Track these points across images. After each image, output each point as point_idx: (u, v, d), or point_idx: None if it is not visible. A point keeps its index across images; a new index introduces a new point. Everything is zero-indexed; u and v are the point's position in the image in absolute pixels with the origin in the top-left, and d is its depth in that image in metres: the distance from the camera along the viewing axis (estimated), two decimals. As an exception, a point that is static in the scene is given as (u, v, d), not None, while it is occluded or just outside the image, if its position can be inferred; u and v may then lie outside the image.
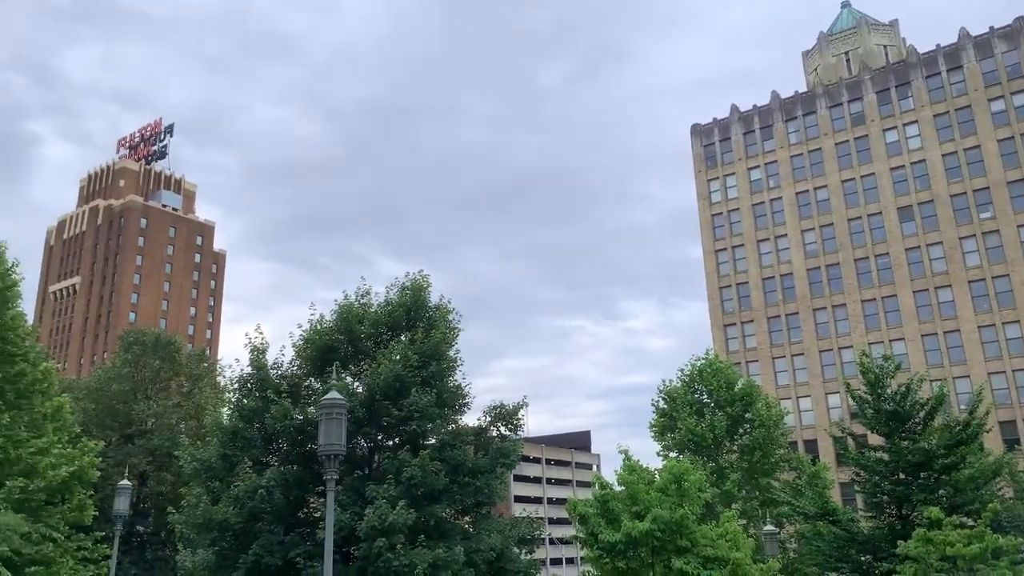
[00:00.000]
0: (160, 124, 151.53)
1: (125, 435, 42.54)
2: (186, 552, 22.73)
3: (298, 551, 20.02)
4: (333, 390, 15.67)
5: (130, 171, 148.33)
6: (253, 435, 22.23)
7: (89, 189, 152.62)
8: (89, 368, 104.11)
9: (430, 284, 25.36)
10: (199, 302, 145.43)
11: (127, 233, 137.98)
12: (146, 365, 46.50)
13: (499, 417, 24.34)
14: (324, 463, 14.40)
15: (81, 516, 28.13)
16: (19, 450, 26.18)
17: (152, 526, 42.28)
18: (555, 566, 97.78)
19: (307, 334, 23.93)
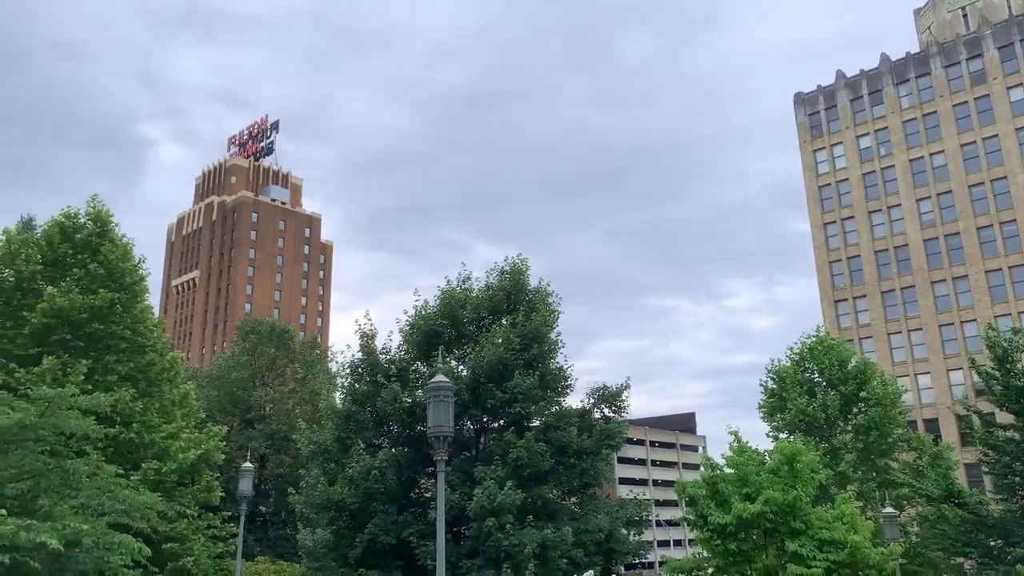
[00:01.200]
0: (266, 121, 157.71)
1: (245, 420, 44.84)
2: (306, 532, 23.81)
3: (411, 530, 20.66)
4: (439, 373, 16.00)
5: (240, 168, 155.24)
6: (365, 418, 23.03)
7: (204, 187, 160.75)
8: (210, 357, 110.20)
9: (529, 267, 25.50)
10: (309, 292, 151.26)
11: (240, 228, 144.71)
12: (263, 353, 48.81)
13: (602, 399, 24.30)
14: (434, 444, 14.74)
15: (209, 496, 29.92)
16: (152, 435, 28.06)
17: (273, 506, 44.49)
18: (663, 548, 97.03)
19: (412, 320, 24.53)
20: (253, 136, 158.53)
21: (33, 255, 29.07)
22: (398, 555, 20.92)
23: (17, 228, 32.65)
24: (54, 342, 27.08)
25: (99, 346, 28.15)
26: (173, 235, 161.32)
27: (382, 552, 20.81)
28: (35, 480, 16.77)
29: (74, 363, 25.54)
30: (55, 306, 26.87)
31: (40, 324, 26.94)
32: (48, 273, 28.86)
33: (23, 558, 14.58)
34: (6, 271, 28.93)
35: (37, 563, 15.08)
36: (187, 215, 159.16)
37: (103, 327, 28.13)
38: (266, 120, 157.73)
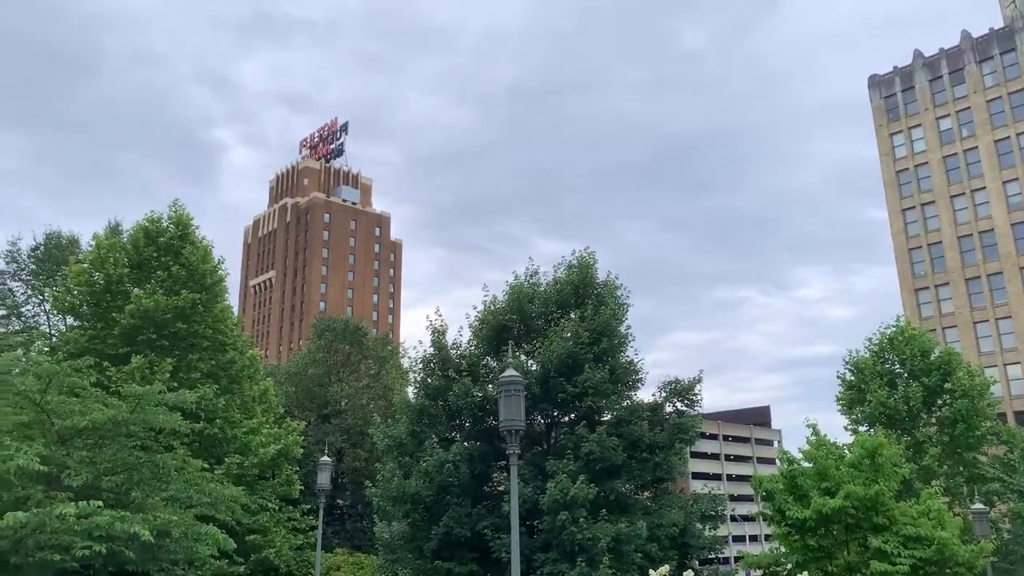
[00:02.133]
0: (336, 123, 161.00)
1: (322, 415, 45.99)
2: (382, 524, 24.30)
3: (485, 523, 20.87)
4: (510, 368, 16.08)
5: (312, 170, 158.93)
6: (438, 412, 23.35)
7: (278, 189, 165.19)
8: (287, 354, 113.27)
9: (596, 261, 25.41)
10: (380, 289, 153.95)
11: (313, 228, 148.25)
12: (337, 350, 49.96)
13: (675, 392, 24.04)
14: (506, 438, 14.81)
15: (289, 490, 30.83)
16: (234, 430, 29.05)
17: (350, 499, 45.52)
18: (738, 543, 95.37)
19: (482, 315, 24.73)
20: (323, 138, 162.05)
21: (120, 259, 30.43)
22: (473, 547, 21.16)
23: (106, 233, 34.20)
24: (141, 341, 28.29)
25: (183, 345, 29.29)
26: (250, 237, 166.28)
27: (457, 544, 21.09)
28: (128, 474, 17.59)
29: (160, 361, 26.66)
30: (142, 307, 28.06)
31: (128, 324, 28.19)
32: (134, 276, 30.16)
33: (119, 548, 15.31)
34: (96, 274, 30.35)
35: (132, 552, 15.82)
36: (262, 217, 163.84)
37: (186, 326, 29.25)
38: (336, 122, 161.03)
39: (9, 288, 39.62)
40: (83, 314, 30.42)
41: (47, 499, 14.89)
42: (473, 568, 21.26)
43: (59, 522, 14.00)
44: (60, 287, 32.72)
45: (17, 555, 14.50)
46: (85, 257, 32.53)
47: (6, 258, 39.97)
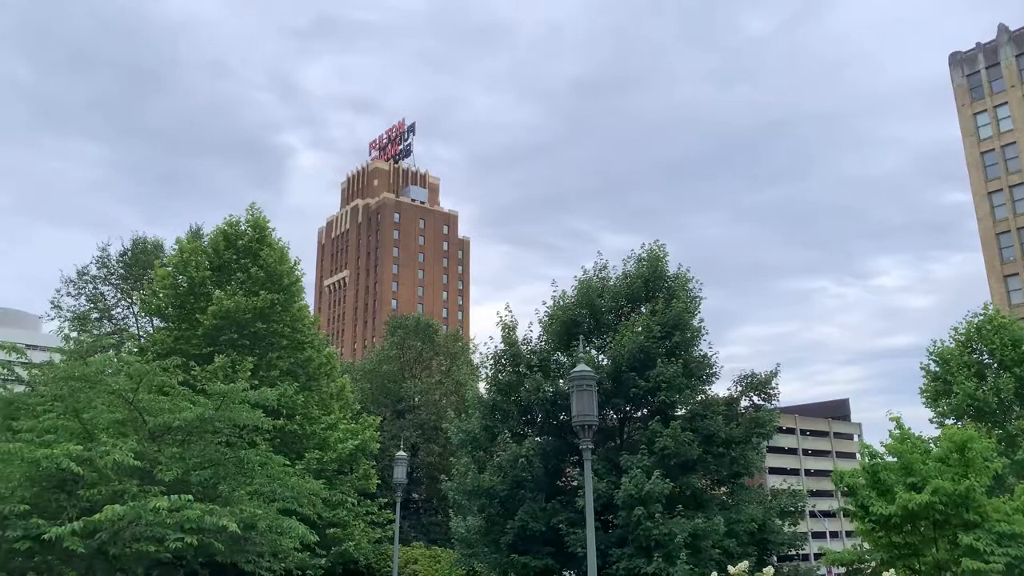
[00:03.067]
0: (403, 124, 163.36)
1: (396, 411, 46.81)
2: (458, 518, 24.59)
3: (559, 518, 20.91)
4: (581, 363, 16.07)
5: (382, 171, 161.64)
6: (510, 407, 23.49)
7: (349, 191, 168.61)
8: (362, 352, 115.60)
9: (667, 254, 25.09)
10: (449, 287, 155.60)
11: (384, 228, 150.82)
12: (410, 347, 50.77)
13: (751, 386, 23.59)
14: (579, 433, 14.84)
15: (367, 484, 31.51)
16: (313, 426, 29.85)
17: (425, 493, 46.22)
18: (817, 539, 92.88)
19: (551, 310, 24.74)
20: (392, 139, 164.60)
21: (202, 262, 31.59)
22: (548, 542, 21.24)
23: (188, 237, 35.57)
24: (223, 341, 29.32)
25: (262, 344, 30.22)
26: (323, 238, 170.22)
27: (532, 538, 21.20)
28: (215, 469, 18.29)
29: (241, 360, 27.55)
30: (223, 308, 29.08)
31: (211, 325, 29.25)
32: (215, 278, 31.27)
33: (208, 540, 15.95)
34: (180, 277, 31.61)
35: (220, 544, 16.46)
36: (335, 218, 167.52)
37: (265, 326, 30.18)
38: (403, 123, 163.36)
39: (101, 292, 41.61)
40: (168, 315, 31.72)
41: (141, 493, 15.60)
42: (548, 562, 21.34)
43: (153, 515, 14.66)
44: (147, 290, 34.20)
45: (116, 546, 15.26)
46: (169, 261, 33.89)
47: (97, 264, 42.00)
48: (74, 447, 15.18)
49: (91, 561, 16.31)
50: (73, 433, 17.18)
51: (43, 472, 15.39)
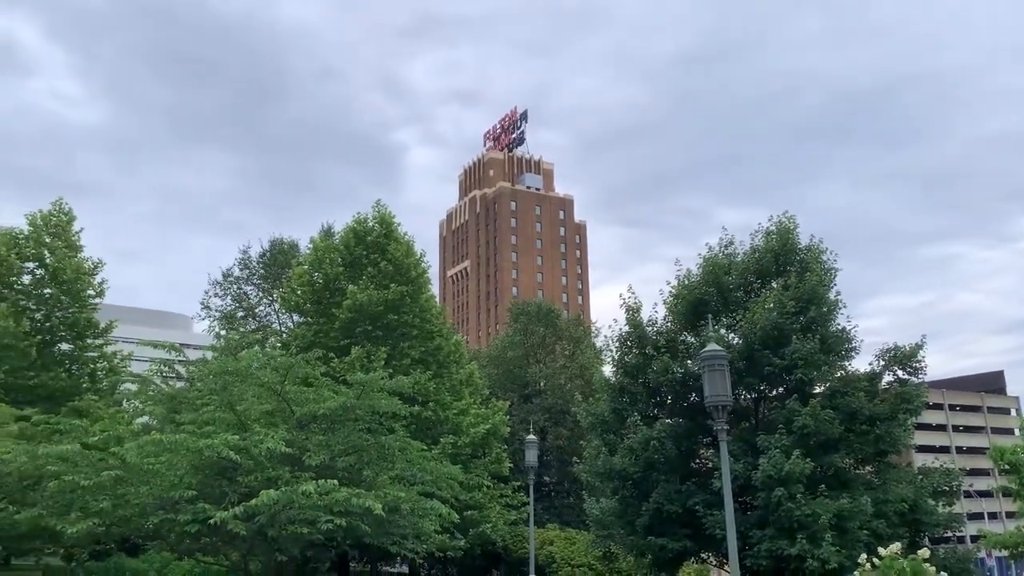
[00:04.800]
0: (516, 113, 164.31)
1: (523, 395, 47.44)
2: (591, 500, 24.69)
3: (696, 500, 20.60)
4: (711, 342, 15.75)
5: (496, 161, 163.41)
6: (638, 390, 23.29)
7: (466, 183, 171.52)
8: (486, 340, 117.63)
9: (797, 225, 24.07)
10: (568, 271, 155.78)
11: (501, 217, 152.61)
12: (533, 333, 51.29)
13: (894, 360, 22.32)
14: (712, 414, 14.57)
15: (500, 467, 32.20)
16: (446, 412, 30.76)
17: (556, 476, 46.68)
18: (974, 520, 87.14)
19: (676, 290, 24.29)
20: (505, 129, 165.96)
21: (335, 259, 33.10)
22: (684, 524, 20.98)
23: (320, 237, 37.34)
24: (358, 333, 30.67)
25: (394, 334, 31.39)
26: (444, 230, 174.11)
27: (669, 520, 21.00)
28: (358, 454, 19.18)
29: (376, 350, 28.75)
30: (356, 302, 30.39)
31: (346, 318, 30.65)
32: (348, 273, 32.70)
33: (355, 522, 16.78)
34: (315, 275, 33.25)
35: (367, 526, 17.27)
36: (454, 210, 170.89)
37: (396, 317, 31.32)
38: (515, 112, 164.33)
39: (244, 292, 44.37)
40: (307, 311, 33.46)
41: (293, 478, 16.57)
42: (686, 544, 21.09)
43: (304, 499, 15.55)
44: (286, 288, 36.18)
45: (273, 528, 16.30)
46: (305, 260, 35.71)
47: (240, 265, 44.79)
48: (231, 437, 16.31)
49: (252, 542, 17.51)
50: (229, 424, 18.45)
51: (205, 461, 16.63)
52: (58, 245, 35.10)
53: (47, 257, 34.74)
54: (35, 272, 34.82)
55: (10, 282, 33.60)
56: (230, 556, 20.17)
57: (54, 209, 36.00)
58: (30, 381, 31.29)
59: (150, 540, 25.57)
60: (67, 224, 36.03)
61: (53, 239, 35.15)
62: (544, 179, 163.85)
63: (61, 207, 36.24)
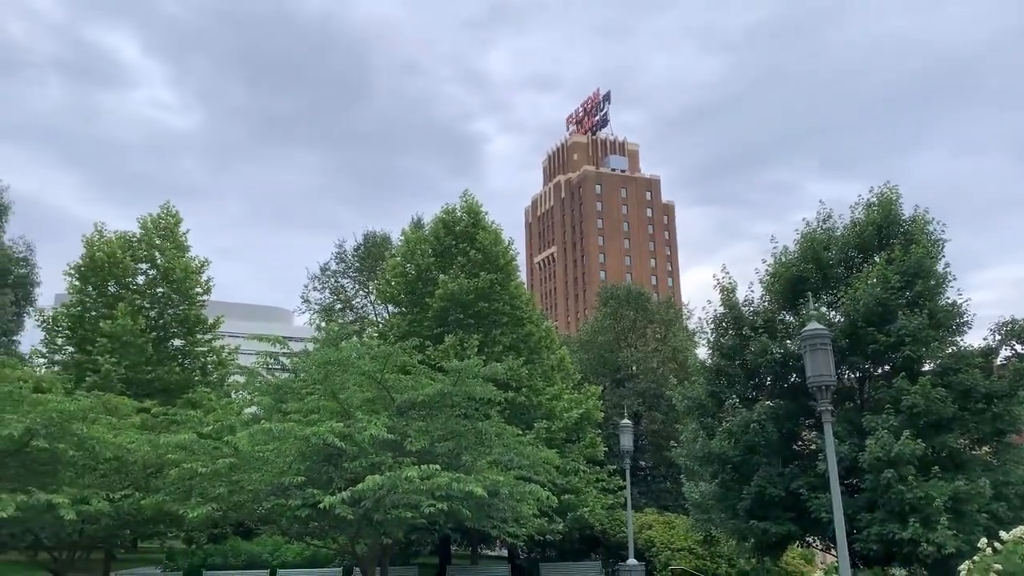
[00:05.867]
0: (598, 95, 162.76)
1: (616, 380, 47.19)
2: (690, 484, 24.41)
3: (799, 482, 20.07)
4: (812, 321, 15.30)
5: (580, 144, 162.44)
6: (735, 372, 22.83)
7: (550, 168, 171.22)
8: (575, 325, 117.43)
9: (899, 196, 22.98)
10: (656, 253, 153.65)
11: (586, 201, 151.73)
12: (623, 316, 50.88)
13: (1011, 334, 21.06)
14: (815, 395, 14.18)
15: (595, 452, 32.19)
16: (538, 397, 30.94)
17: (651, 460, 46.30)
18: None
19: (772, 268, 23.63)
20: (588, 111, 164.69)
21: (426, 250, 33.71)
22: (788, 507, 20.46)
23: (411, 228, 38.09)
24: (451, 321, 31.17)
25: (486, 322, 31.76)
26: (529, 216, 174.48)
27: (771, 504, 20.53)
28: (456, 440, 19.56)
29: (468, 338, 29.18)
30: (448, 291, 30.90)
31: (439, 307, 31.20)
32: (439, 263, 33.25)
33: (457, 506, 17.14)
34: (408, 266, 33.95)
35: (468, 510, 17.62)
36: (539, 196, 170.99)
37: (487, 305, 31.66)
38: (598, 94, 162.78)
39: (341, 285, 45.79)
40: (401, 301, 34.23)
41: (395, 464, 17.04)
42: (790, 528, 20.58)
43: (407, 483, 15.97)
44: (380, 280, 37.11)
45: (378, 512, 16.82)
46: (397, 251, 36.51)
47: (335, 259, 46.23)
48: (336, 424, 16.90)
49: (358, 525, 18.12)
50: (333, 412, 19.11)
51: (312, 447, 17.28)
52: (167, 246, 37.06)
53: (158, 258, 36.75)
54: (148, 272, 36.90)
55: (126, 283, 35.71)
56: (338, 539, 20.92)
57: (162, 212, 37.99)
58: (148, 375, 33.22)
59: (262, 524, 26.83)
60: (175, 226, 37.96)
61: (163, 240, 37.13)
62: (629, 160, 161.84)
63: (168, 210, 38.20)
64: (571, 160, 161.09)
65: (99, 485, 20.00)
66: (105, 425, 20.34)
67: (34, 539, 22.14)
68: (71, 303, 35.37)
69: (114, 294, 35.24)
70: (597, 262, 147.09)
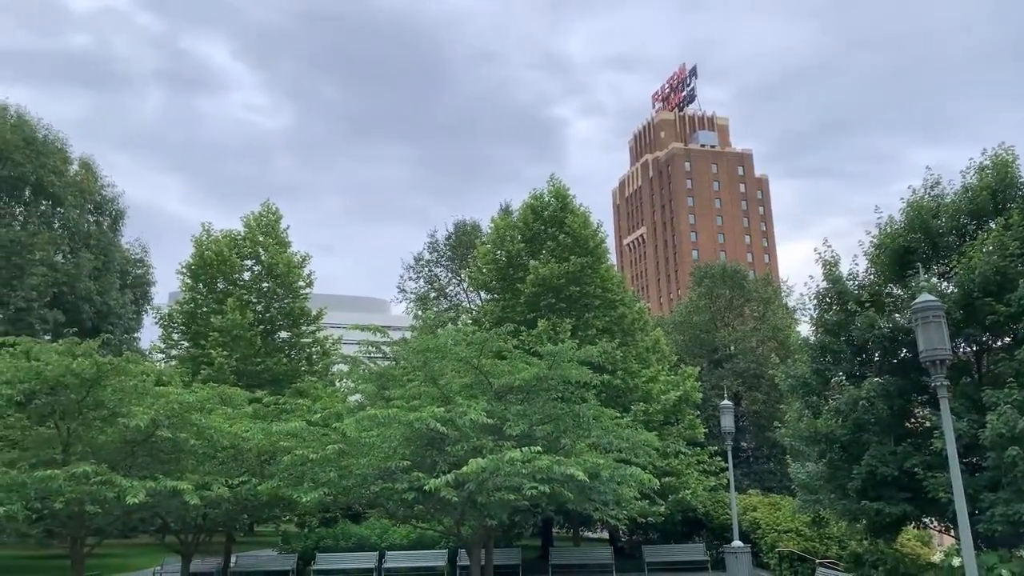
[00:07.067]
0: (684, 70, 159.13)
1: (713, 360, 46.36)
2: (796, 465, 23.79)
3: (913, 461, 19.23)
4: (923, 292, 14.61)
5: (667, 122, 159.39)
6: (841, 348, 22.01)
7: (637, 148, 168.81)
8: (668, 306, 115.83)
9: (1016, 158, 21.52)
10: (751, 229, 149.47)
11: (675, 179, 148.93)
12: (718, 296, 49.87)
13: None
14: (929, 369, 13.57)
15: (694, 433, 31.79)
16: (634, 380, 30.74)
17: (753, 442, 45.35)
18: None
19: (877, 239, 22.60)
20: (674, 88, 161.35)
21: (515, 236, 33.93)
22: (902, 487, 19.64)
23: (500, 216, 38.38)
24: (543, 306, 31.31)
25: (577, 305, 31.74)
26: (617, 198, 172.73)
27: (884, 483, 19.74)
28: (555, 423, 19.69)
29: (560, 322, 29.23)
30: (539, 276, 31.03)
31: (530, 293, 31.38)
32: (529, 249, 33.41)
33: (558, 489, 17.27)
34: (498, 252, 34.26)
35: (569, 492, 17.73)
36: (626, 177, 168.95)
37: (578, 289, 31.63)
38: (684, 69, 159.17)
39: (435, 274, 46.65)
40: (493, 288, 34.61)
41: (496, 447, 17.31)
42: (906, 508, 19.74)
43: (509, 466, 16.21)
44: (472, 267, 37.60)
45: (482, 495, 17.14)
46: (487, 239, 36.88)
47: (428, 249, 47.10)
48: (437, 409, 17.30)
49: (463, 508, 18.52)
50: (433, 398, 19.55)
51: (416, 432, 17.74)
52: (270, 242, 38.62)
53: (262, 254, 38.34)
54: (253, 268, 38.57)
55: (234, 279, 37.44)
56: (443, 521, 21.45)
57: (264, 210, 39.58)
58: (257, 367, 34.80)
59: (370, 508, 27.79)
60: (276, 222, 39.50)
61: (266, 237, 38.71)
62: (719, 135, 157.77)
63: (269, 207, 39.77)
64: (658, 138, 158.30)
65: (218, 472, 21.15)
66: (221, 415, 21.46)
67: (162, 523, 23.64)
68: (184, 300, 37.37)
69: (223, 290, 37.00)
70: (689, 241, 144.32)
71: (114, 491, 16.54)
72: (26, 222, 41.81)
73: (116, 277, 46.12)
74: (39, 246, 40.48)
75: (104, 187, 48.26)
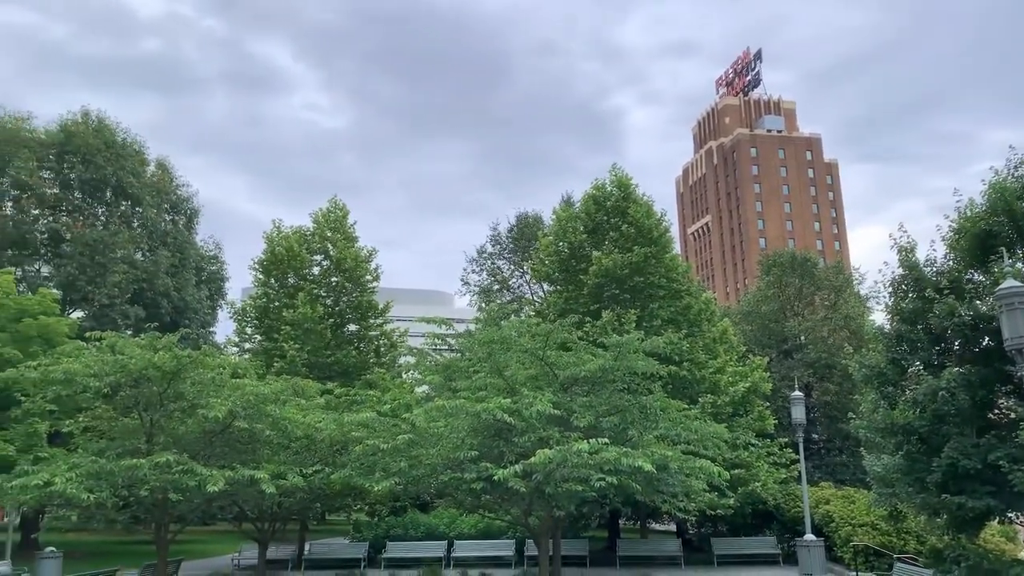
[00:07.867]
0: (748, 54, 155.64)
1: (782, 351, 45.35)
2: (871, 457, 23.14)
3: (998, 454, 18.50)
4: (1008, 278, 14.02)
5: (731, 107, 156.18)
6: (918, 337, 21.27)
7: (700, 135, 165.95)
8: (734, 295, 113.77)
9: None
10: (820, 216, 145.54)
11: (741, 165, 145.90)
12: (788, 284, 48.70)
13: None
14: (1014, 358, 13.07)
15: (763, 425, 31.20)
16: (701, 371, 30.33)
17: (825, 434, 44.24)
18: None
19: (956, 223, 21.71)
20: (738, 72, 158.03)
21: (577, 227, 33.79)
22: (985, 481, 18.89)
23: (562, 207, 38.30)
24: (607, 297, 31.12)
25: (642, 296, 31.45)
26: (681, 186, 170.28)
27: (965, 477, 19.01)
28: (621, 415, 19.58)
29: (625, 313, 29.01)
30: (602, 267, 30.85)
31: (593, 284, 31.24)
32: (591, 240, 33.24)
33: (626, 480, 17.19)
34: (561, 244, 34.19)
35: (637, 484, 17.64)
36: (690, 165, 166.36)
37: (642, 279, 31.34)
38: (748, 53, 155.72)
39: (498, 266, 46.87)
40: (556, 279, 34.57)
41: (563, 438, 17.34)
42: (990, 503, 18.99)
43: (577, 457, 16.21)
44: (535, 259, 37.63)
45: (549, 485, 17.21)
46: (549, 231, 36.85)
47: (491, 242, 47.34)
48: (504, 400, 17.41)
49: (531, 498, 18.63)
50: (499, 389, 19.69)
51: (483, 423, 17.91)
52: (338, 238, 39.42)
53: (330, 249, 39.18)
54: (322, 263, 39.44)
55: (304, 274, 38.35)
56: (511, 511, 21.59)
57: (331, 206, 40.39)
58: (328, 359, 35.60)
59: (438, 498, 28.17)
60: (343, 218, 40.27)
61: (333, 233, 39.52)
62: (785, 120, 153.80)
63: (336, 203, 40.56)
64: (722, 124, 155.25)
65: (293, 462, 21.76)
66: (294, 406, 22.06)
67: (239, 511, 24.45)
68: (256, 295, 38.47)
69: (294, 285, 37.96)
70: (756, 229, 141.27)
71: (195, 479, 17.20)
72: (108, 222, 43.69)
73: (192, 273, 47.85)
74: (120, 245, 42.26)
75: (179, 187, 50.07)
